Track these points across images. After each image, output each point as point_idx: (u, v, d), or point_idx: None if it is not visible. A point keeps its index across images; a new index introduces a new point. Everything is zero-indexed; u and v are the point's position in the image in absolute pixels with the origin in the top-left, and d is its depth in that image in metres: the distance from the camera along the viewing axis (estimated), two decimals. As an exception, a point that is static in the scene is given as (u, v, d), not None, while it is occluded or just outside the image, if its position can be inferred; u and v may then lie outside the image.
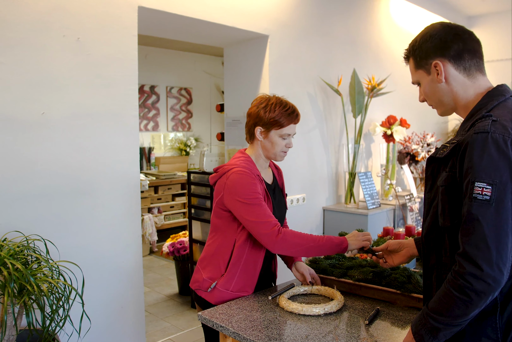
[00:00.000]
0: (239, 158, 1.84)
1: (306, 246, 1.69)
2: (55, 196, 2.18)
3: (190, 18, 2.72)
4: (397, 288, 1.72)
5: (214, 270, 1.82)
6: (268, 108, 1.80)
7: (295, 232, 1.72)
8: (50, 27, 2.14)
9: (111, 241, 2.41)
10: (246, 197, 1.71)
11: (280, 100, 1.84)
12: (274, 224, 1.70)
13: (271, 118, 1.79)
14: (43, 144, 2.14)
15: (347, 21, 3.93)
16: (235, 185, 1.73)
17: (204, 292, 1.82)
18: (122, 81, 2.42)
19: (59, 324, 1.79)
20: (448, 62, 1.27)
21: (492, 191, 1.08)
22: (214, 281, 1.80)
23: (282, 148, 1.85)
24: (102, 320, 2.38)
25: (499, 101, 1.23)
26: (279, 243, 1.67)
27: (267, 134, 1.82)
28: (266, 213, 1.72)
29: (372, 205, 3.66)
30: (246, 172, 1.74)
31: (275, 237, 1.67)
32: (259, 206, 1.71)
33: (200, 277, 1.84)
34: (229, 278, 1.79)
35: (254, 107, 1.84)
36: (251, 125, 1.85)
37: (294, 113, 1.84)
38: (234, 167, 1.77)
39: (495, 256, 1.06)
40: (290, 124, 1.82)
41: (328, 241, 1.71)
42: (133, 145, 2.49)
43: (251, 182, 1.73)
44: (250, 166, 1.80)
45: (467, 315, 1.11)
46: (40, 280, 1.72)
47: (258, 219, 1.70)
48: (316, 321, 1.58)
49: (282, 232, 1.68)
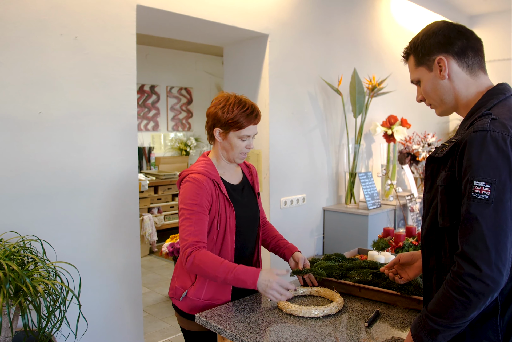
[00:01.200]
0: (199, 163, 1.82)
1: (212, 274, 1.61)
2: (52, 196, 2.17)
3: (189, 17, 2.70)
4: (397, 290, 1.70)
5: (184, 279, 1.80)
6: (226, 108, 1.73)
7: (206, 257, 1.61)
8: (47, 25, 2.13)
9: (109, 242, 2.39)
10: (183, 205, 1.70)
11: (239, 100, 1.76)
12: (189, 245, 1.64)
13: (229, 119, 1.72)
14: (40, 144, 2.13)
15: (348, 20, 3.91)
16: (182, 192, 1.73)
17: (177, 301, 1.81)
18: (120, 81, 2.40)
19: (55, 326, 1.78)
20: (452, 59, 1.25)
21: (491, 190, 1.06)
22: (185, 289, 1.78)
23: (241, 150, 1.78)
24: (100, 321, 2.36)
25: (499, 100, 1.22)
26: (188, 264, 1.64)
27: (226, 136, 1.77)
28: (190, 229, 1.66)
29: (372, 205, 3.64)
30: (195, 179, 1.70)
31: (185, 258, 1.64)
32: (188, 220, 1.67)
33: (174, 285, 1.84)
34: (199, 286, 1.76)
35: (212, 108, 1.79)
36: (210, 126, 1.80)
37: (254, 113, 1.76)
38: (190, 174, 1.74)
39: (494, 256, 1.04)
40: (249, 125, 1.75)
41: (235, 276, 1.58)
42: (132, 145, 2.47)
43: (196, 192, 1.69)
44: (209, 170, 1.76)
45: (466, 317, 1.09)
46: (36, 281, 1.71)
47: (181, 232, 1.69)
48: (315, 323, 1.56)
49: (193, 255, 1.62)
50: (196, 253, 1.62)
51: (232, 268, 1.59)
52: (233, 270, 1.58)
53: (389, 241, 2.42)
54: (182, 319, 1.83)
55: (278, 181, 3.32)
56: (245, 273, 1.59)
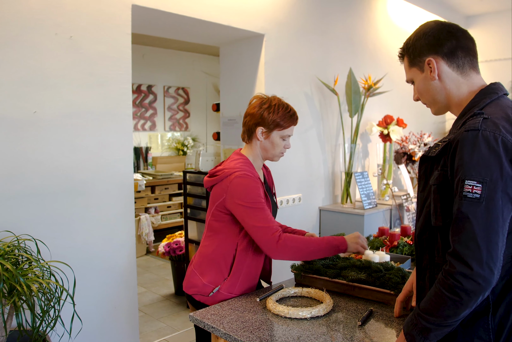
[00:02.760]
0: (238, 161, 1.83)
1: (306, 251, 1.71)
2: (47, 195, 2.16)
3: (185, 17, 2.70)
4: (391, 289, 1.70)
5: (215, 274, 1.80)
6: (271, 109, 1.83)
7: (294, 237, 1.72)
8: (42, 25, 2.12)
9: (104, 241, 2.39)
10: (250, 200, 1.71)
11: (281, 102, 1.88)
12: (275, 229, 1.70)
13: (274, 119, 1.82)
14: (35, 143, 2.12)
15: (344, 20, 3.91)
16: (239, 188, 1.73)
17: (204, 297, 1.80)
18: (115, 80, 2.40)
19: (49, 325, 1.77)
20: (441, 60, 1.26)
21: (482, 189, 1.07)
22: (216, 285, 1.78)
23: (281, 149, 1.90)
24: (95, 320, 2.36)
25: (492, 99, 1.22)
26: (280, 249, 1.67)
27: (269, 135, 1.85)
28: (268, 218, 1.72)
29: (368, 205, 3.64)
30: (249, 176, 1.75)
31: (276, 243, 1.67)
32: (262, 210, 1.72)
33: (199, 281, 1.81)
34: (233, 281, 1.78)
35: (256, 108, 1.86)
36: (252, 125, 1.86)
37: (295, 115, 1.89)
38: (236, 171, 1.76)
39: (485, 255, 1.05)
40: (291, 126, 1.88)
41: (328, 244, 1.73)
42: (127, 145, 2.47)
43: (255, 185, 1.74)
44: (251, 169, 1.81)
45: (458, 315, 1.10)
46: (30, 280, 1.70)
47: (259, 223, 1.70)
48: (309, 322, 1.56)
49: (283, 238, 1.68)
50: (284, 235, 1.70)
51: (321, 239, 1.75)
52: (324, 240, 1.75)
53: (384, 240, 2.42)
54: None
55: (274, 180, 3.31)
56: (335, 239, 1.77)
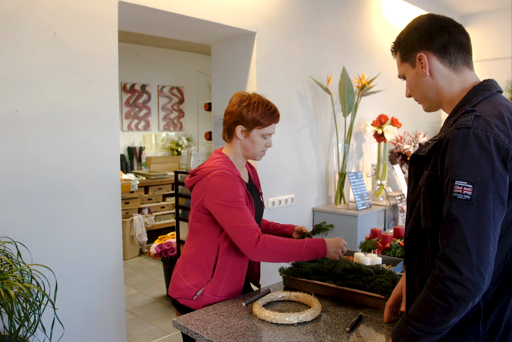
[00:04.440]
0: (217, 160, 1.78)
1: (285, 253, 1.65)
2: (29, 197, 2.10)
3: (174, 14, 2.65)
4: (382, 293, 1.65)
5: (198, 277, 1.75)
6: (250, 107, 1.77)
7: (274, 238, 1.66)
8: (25, 21, 2.06)
9: (90, 244, 2.33)
10: (228, 199, 1.66)
11: (261, 99, 1.81)
12: (254, 229, 1.64)
13: (253, 117, 1.76)
14: (17, 143, 2.06)
15: (338, 18, 3.86)
16: (216, 187, 1.68)
17: (188, 301, 1.75)
18: (101, 78, 2.34)
19: (30, 330, 1.72)
20: (433, 55, 1.21)
21: (473, 190, 1.02)
22: (199, 288, 1.73)
23: (262, 148, 1.84)
24: (79, 325, 2.29)
25: (484, 97, 1.17)
26: (258, 250, 1.62)
27: (249, 134, 1.79)
28: (247, 217, 1.67)
29: (362, 205, 3.59)
30: (227, 174, 1.70)
31: (255, 245, 1.62)
32: (240, 210, 1.66)
33: (183, 284, 1.76)
34: (217, 284, 1.73)
35: (235, 106, 1.80)
36: (231, 123, 1.80)
37: (276, 112, 1.82)
38: (214, 170, 1.71)
39: (476, 259, 1.00)
40: (272, 123, 1.81)
41: (308, 248, 1.66)
42: (114, 144, 2.41)
43: (233, 184, 1.69)
44: (230, 167, 1.75)
45: (447, 322, 1.04)
46: (9, 284, 1.65)
47: (238, 223, 1.65)
48: (295, 328, 1.51)
49: (262, 239, 1.63)
50: (263, 236, 1.65)
51: (302, 242, 1.67)
52: (304, 243, 1.67)
53: (376, 242, 2.37)
54: None
55: (266, 180, 3.27)
56: (315, 243, 1.69)
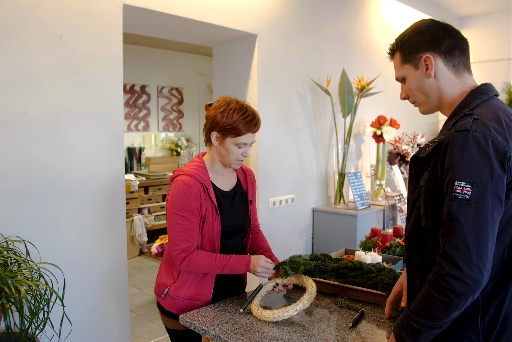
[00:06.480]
0: (192, 164, 1.78)
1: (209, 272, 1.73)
2: (37, 196, 2.14)
3: (177, 17, 2.69)
4: (383, 290, 1.70)
5: (167, 276, 1.80)
6: (226, 113, 1.67)
7: (199, 260, 1.66)
8: (31, 24, 2.10)
9: (95, 242, 2.37)
10: (173, 209, 1.67)
11: (240, 106, 1.70)
12: (182, 250, 1.66)
13: (227, 124, 1.66)
14: (24, 144, 2.10)
15: (338, 20, 3.91)
16: (170, 193, 1.71)
17: (159, 297, 1.81)
18: (106, 80, 2.38)
19: (39, 327, 1.76)
20: (439, 57, 1.25)
21: (472, 190, 1.06)
22: (166, 286, 1.78)
23: (237, 157, 1.73)
24: (85, 322, 2.33)
25: (482, 100, 1.22)
26: (183, 267, 1.69)
27: (223, 141, 1.71)
28: (180, 235, 1.67)
29: (361, 205, 3.64)
30: (185, 183, 1.67)
31: (179, 263, 1.67)
32: (178, 225, 1.66)
33: (157, 281, 1.85)
34: (180, 285, 1.76)
35: (212, 110, 1.72)
36: (208, 129, 1.75)
37: (253, 121, 1.70)
38: (180, 175, 1.72)
39: (475, 257, 1.05)
40: (247, 133, 1.69)
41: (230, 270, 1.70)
42: (118, 145, 2.45)
43: (185, 196, 1.66)
44: (200, 173, 1.72)
45: (448, 317, 1.09)
46: (19, 282, 1.68)
47: (171, 236, 1.69)
48: (299, 324, 1.55)
49: (187, 260, 1.66)
50: (190, 257, 1.66)
51: (226, 262, 1.68)
52: (228, 264, 1.68)
53: (376, 241, 2.42)
54: (164, 317, 1.83)
55: (266, 181, 3.32)
56: (238, 263, 1.70)
